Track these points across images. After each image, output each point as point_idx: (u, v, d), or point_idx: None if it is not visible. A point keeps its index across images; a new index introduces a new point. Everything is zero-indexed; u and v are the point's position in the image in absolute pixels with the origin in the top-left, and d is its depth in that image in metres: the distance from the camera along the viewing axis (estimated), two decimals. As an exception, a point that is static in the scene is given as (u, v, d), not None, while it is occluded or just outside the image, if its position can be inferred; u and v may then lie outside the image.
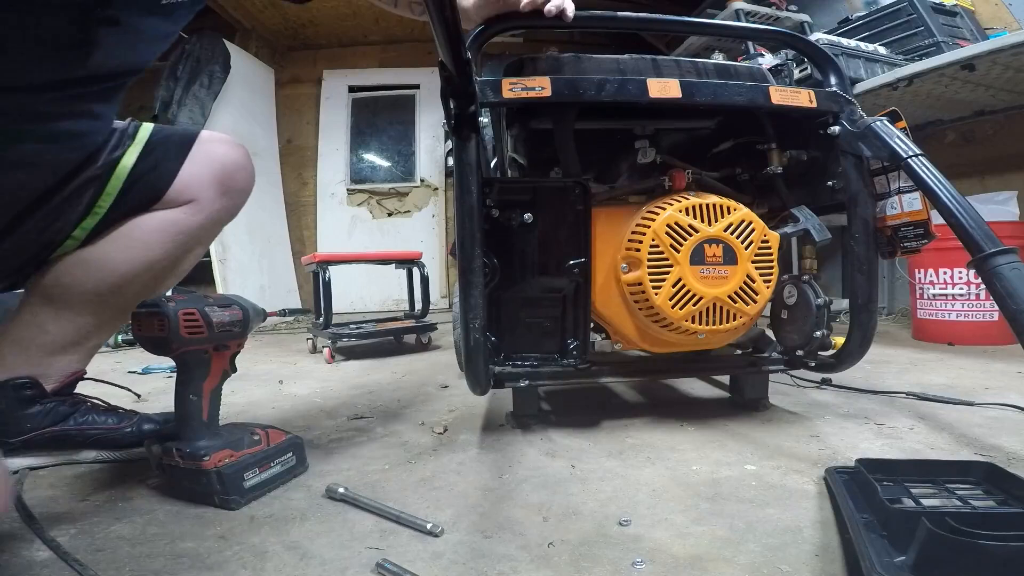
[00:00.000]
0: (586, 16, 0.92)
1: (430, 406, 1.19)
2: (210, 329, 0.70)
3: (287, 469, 0.75)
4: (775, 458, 0.79)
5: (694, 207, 0.86)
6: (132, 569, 0.53)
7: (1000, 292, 0.65)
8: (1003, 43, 1.55)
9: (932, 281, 1.87)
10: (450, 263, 3.99)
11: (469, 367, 0.83)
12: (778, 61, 2.16)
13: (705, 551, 0.54)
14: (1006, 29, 2.08)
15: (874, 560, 0.44)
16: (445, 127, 0.93)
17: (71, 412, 0.83)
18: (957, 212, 0.71)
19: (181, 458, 0.68)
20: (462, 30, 0.61)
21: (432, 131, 4.14)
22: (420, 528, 0.59)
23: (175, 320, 0.67)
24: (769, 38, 1.51)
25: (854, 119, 0.89)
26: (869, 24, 2.17)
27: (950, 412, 1.00)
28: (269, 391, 1.42)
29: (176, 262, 0.84)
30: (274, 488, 0.72)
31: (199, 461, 0.66)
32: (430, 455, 0.86)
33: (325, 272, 2.12)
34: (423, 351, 2.13)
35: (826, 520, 0.59)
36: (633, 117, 0.99)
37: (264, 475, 0.71)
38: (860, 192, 0.89)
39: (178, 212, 0.81)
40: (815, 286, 0.95)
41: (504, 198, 0.86)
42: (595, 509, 0.64)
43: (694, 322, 0.85)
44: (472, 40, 0.84)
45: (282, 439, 0.76)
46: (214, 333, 0.70)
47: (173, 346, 0.68)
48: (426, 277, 2.32)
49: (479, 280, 0.80)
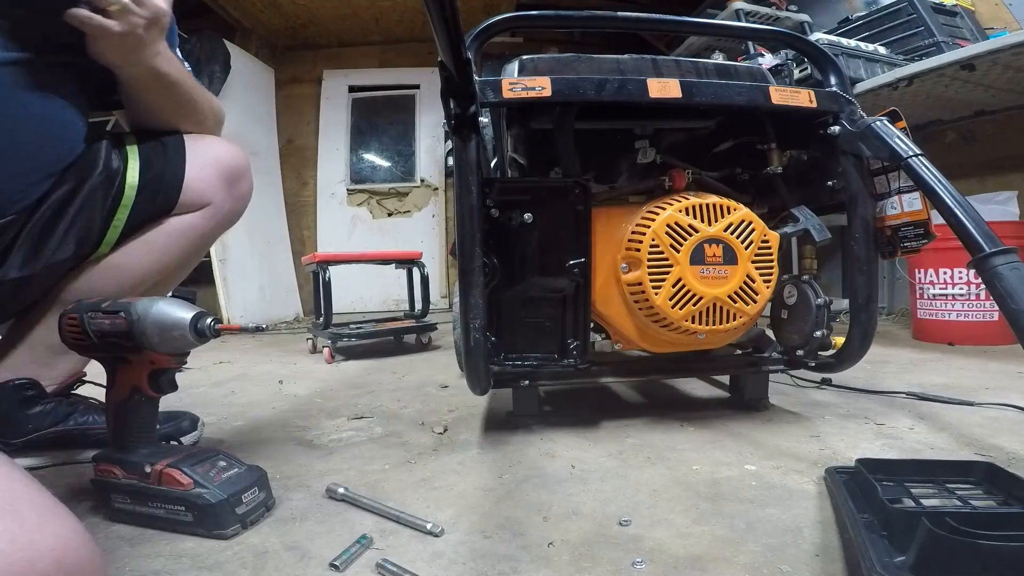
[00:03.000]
0: (586, 16, 0.92)
1: (430, 406, 1.19)
2: (88, 338, 0.63)
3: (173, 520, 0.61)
4: (775, 458, 0.79)
5: (694, 207, 0.86)
6: (132, 569, 0.53)
7: (1000, 292, 0.65)
8: (1003, 43, 1.55)
9: (932, 281, 1.87)
10: (450, 263, 3.99)
11: (469, 367, 0.83)
12: (778, 61, 2.16)
13: (705, 551, 0.54)
14: (1006, 29, 2.08)
15: (874, 560, 0.44)
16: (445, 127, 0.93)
17: (71, 412, 0.83)
18: (957, 212, 0.71)
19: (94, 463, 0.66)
20: (462, 30, 0.61)
21: (432, 131, 4.13)
22: (420, 528, 0.59)
23: (62, 322, 0.65)
24: (769, 38, 1.51)
25: (854, 119, 0.88)
26: (869, 24, 2.17)
27: (950, 412, 1.00)
28: (269, 391, 1.42)
29: (187, 263, 0.88)
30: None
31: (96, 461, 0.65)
32: (430, 455, 0.86)
33: (325, 272, 2.12)
34: (423, 351, 2.13)
35: (826, 520, 0.59)
36: (633, 117, 0.99)
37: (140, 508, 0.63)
38: (860, 192, 0.89)
39: (196, 217, 0.84)
40: (815, 286, 0.95)
41: (504, 198, 0.86)
42: (595, 509, 0.64)
43: (694, 322, 0.85)
44: (472, 40, 0.84)
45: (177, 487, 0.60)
46: (94, 343, 0.63)
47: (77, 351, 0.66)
48: (426, 277, 2.32)
49: (479, 280, 0.80)
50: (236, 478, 0.63)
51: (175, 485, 0.61)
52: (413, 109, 4.20)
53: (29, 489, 0.41)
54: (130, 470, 0.63)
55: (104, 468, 0.65)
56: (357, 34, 4.11)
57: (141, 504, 0.62)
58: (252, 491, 0.63)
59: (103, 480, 0.65)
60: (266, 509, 0.65)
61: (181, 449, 0.68)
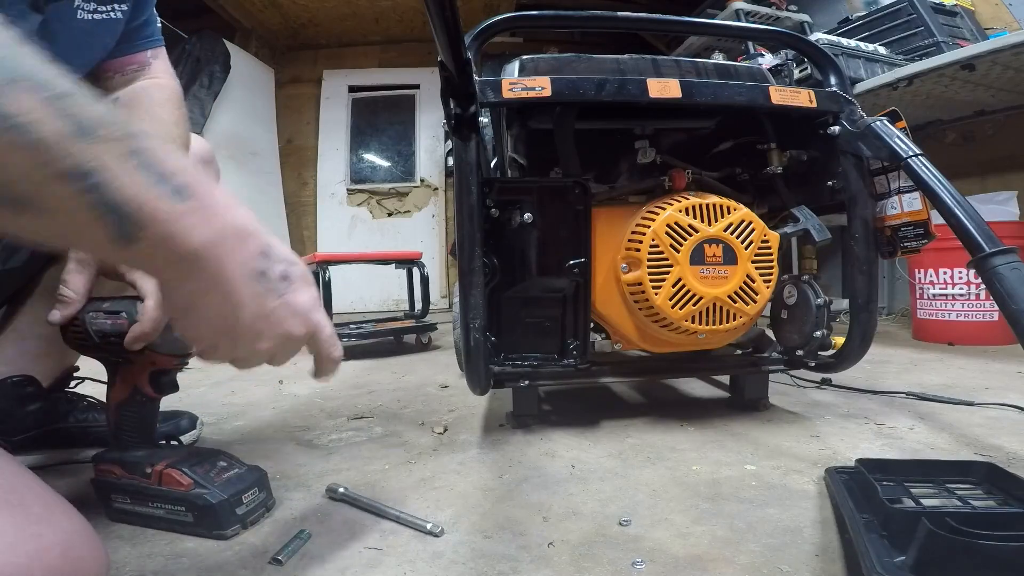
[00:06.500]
0: (586, 16, 0.92)
1: (430, 406, 1.19)
2: (89, 338, 0.61)
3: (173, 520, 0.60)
4: (775, 458, 0.79)
5: (694, 207, 0.86)
6: (132, 569, 0.53)
7: (1000, 292, 0.65)
8: (1003, 43, 1.55)
9: (932, 281, 1.87)
10: (450, 263, 4.00)
11: (469, 367, 0.83)
12: (778, 61, 2.16)
13: (705, 551, 0.54)
14: (1006, 29, 2.08)
15: (874, 560, 0.44)
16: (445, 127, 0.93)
17: (70, 409, 0.83)
18: (957, 212, 0.71)
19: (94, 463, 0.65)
20: (462, 30, 0.61)
21: (432, 131, 4.14)
22: (420, 528, 0.59)
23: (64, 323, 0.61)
24: (769, 38, 1.51)
25: (854, 119, 0.89)
26: (869, 24, 2.17)
27: (950, 412, 1.00)
28: (269, 391, 1.42)
29: None
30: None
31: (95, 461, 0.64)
32: (430, 455, 0.86)
33: (325, 272, 2.11)
34: (423, 351, 2.13)
35: (826, 520, 0.59)
36: (633, 117, 0.99)
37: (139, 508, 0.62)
38: (860, 192, 0.89)
39: None
40: (815, 286, 0.95)
41: (504, 198, 0.86)
42: (595, 509, 0.64)
43: (694, 322, 0.85)
44: (472, 40, 0.84)
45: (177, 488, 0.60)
46: (96, 343, 0.61)
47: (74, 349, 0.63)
48: (426, 277, 2.32)
49: (479, 280, 0.80)
50: (236, 478, 0.63)
51: (175, 485, 0.60)
52: (413, 109, 4.20)
53: (34, 484, 0.42)
54: (130, 470, 0.63)
55: (104, 468, 0.64)
56: (357, 34, 4.11)
57: (141, 504, 0.62)
58: (252, 491, 0.63)
59: (103, 480, 0.64)
60: (266, 509, 0.64)
61: (181, 450, 0.68)
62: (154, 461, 0.62)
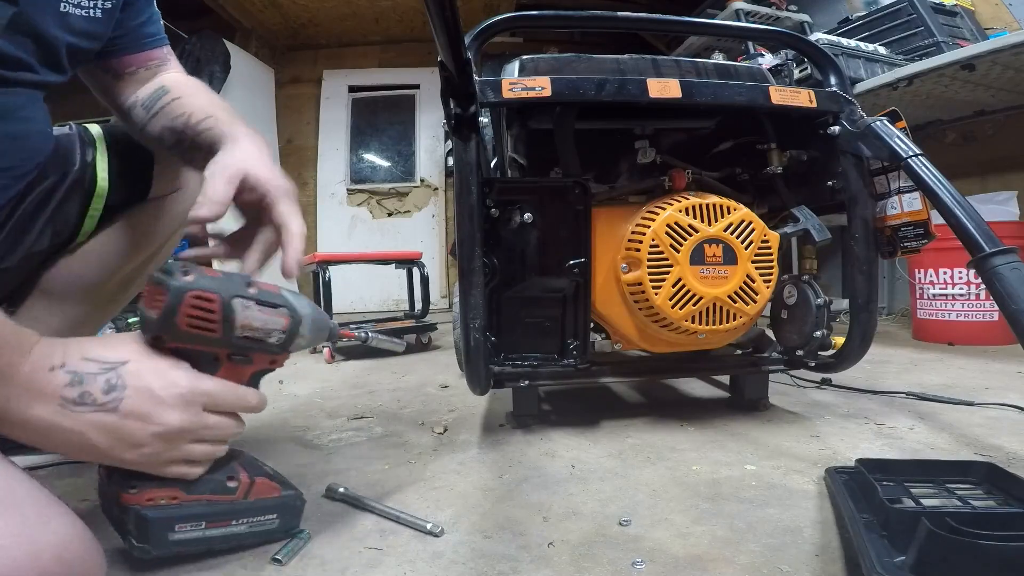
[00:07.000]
0: (586, 16, 0.92)
1: (430, 406, 1.19)
2: (226, 328, 0.49)
3: (258, 531, 0.55)
4: (775, 458, 0.79)
5: (694, 207, 0.86)
6: (132, 569, 0.53)
7: (1000, 292, 0.65)
8: (1003, 43, 1.55)
9: (932, 281, 1.87)
10: (450, 263, 3.99)
11: (469, 367, 0.83)
12: (778, 61, 2.16)
13: (705, 551, 0.54)
14: (1006, 29, 2.08)
15: (874, 560, 0.44)
16: (445, 127, 0.93)
17: None
18: (957, 212, 0.71)
19: (108, 476, 0.51)
20: (462, 30, 0.61)
21: (432, 131, 4.13)
22: (420, 528, 0.59)
23: (175, 302, 0.47)
24: (769, 38, 1.51)
25: (854, 119, 0.88)
26: (869, 24, 2.17)
27: (950, 412, 1.00)
28: (269, 391, 1.41)
29: (164, 246, 0.87)
30: (228, 551, 0.55)
31: (124, 491, 0.49)
32: (430, 455, 0.86)
33: (325, 272, 2.11)
34: (423, 351, 2.13)
35: (826, 520, 0.59)
36: (633, 117, 0.99)
37: (213, 532, 0.52)
38: (860, 192, 0.89)
39: (169, 200, 0.83)
40: (815, 286, 0.95)
41: (504, 198, 0.86)
42: (595, 509, 0.64)
43: (694, 322, 0.85)
44: (472, 40, 0.84)
45: (271, 495, 0.56)
46: (231, 336, 0.50)
47: (164, 337, 0.49)
48: (426, 277, 2.32)
49: (479, 280, 0.80)
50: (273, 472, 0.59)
51: (268, 494, 0.56)
52: (413, 109, 4.20)
53: (29, 486, 0.41)
54: (201, 489, 0.52)
55: (150, 496, 0.49)
56: (357, 34, 4.11)
57: (221, 525, 0.53)
58: None
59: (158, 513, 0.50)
60: None
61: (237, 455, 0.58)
62: (232, 474, 0.54)
